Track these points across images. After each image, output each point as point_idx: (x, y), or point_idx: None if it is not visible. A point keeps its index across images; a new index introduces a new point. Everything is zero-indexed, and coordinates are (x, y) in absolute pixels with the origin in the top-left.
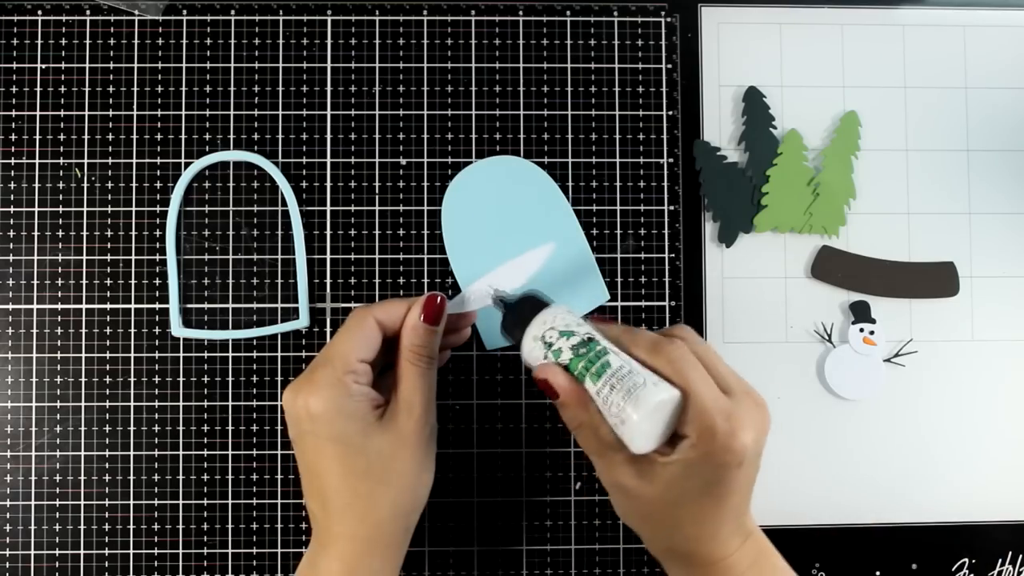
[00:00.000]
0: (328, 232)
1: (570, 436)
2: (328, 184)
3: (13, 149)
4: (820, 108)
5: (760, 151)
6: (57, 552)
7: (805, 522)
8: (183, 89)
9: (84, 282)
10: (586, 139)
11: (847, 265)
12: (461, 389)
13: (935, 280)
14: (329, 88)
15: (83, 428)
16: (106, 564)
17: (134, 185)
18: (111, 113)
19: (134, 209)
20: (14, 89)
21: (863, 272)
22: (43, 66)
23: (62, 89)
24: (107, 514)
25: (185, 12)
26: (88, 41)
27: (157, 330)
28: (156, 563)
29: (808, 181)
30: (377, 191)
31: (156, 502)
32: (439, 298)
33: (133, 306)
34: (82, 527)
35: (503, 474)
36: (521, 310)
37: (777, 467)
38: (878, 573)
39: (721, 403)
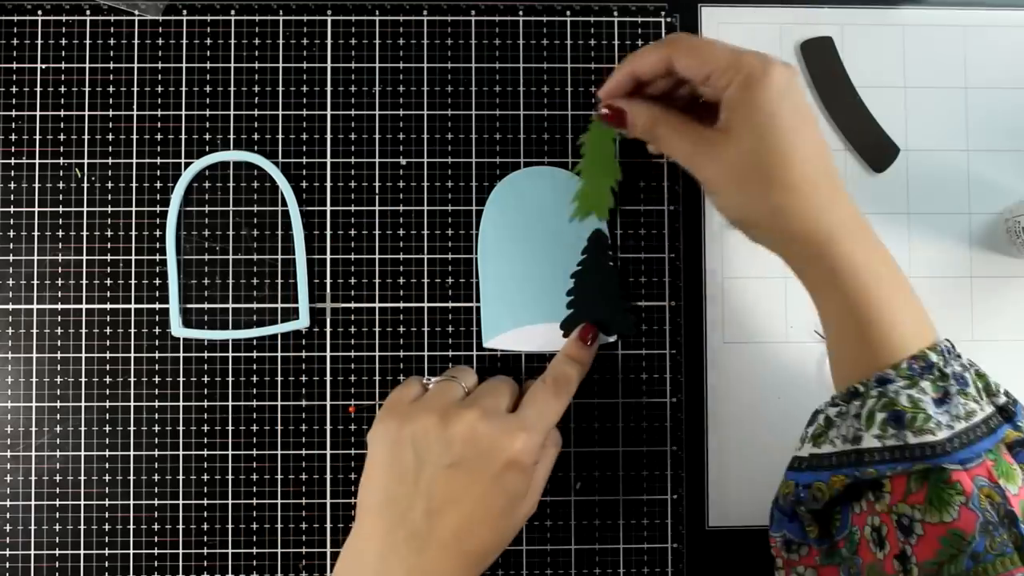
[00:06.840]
0: (328, 232)
1: (570, 436)
2: (328, 184)
3: (13, 149)
4: None
5: None
6: (57, 552)
7: None
8: (183, 89)
9: (84, 282)
10: None
11: None
12: None
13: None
14: (329, 88)
15: (83, 428)
16: (106, 564)
17: (134, 185)
18: (111, 113)
19: (134, 209)
20: (14, 89)
21: None
22: (43, 66)
23: (62, 89)
24: (107, 514)
25: (185, 12)
26: (88, 41)
27: (157, 330)
28: (156, 563)
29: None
30: (377, 191)
31: (156, 502)
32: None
33: (133, 306)
34: (82, 527)
35: None
36: None
37: (775, 467)
38: None
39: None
